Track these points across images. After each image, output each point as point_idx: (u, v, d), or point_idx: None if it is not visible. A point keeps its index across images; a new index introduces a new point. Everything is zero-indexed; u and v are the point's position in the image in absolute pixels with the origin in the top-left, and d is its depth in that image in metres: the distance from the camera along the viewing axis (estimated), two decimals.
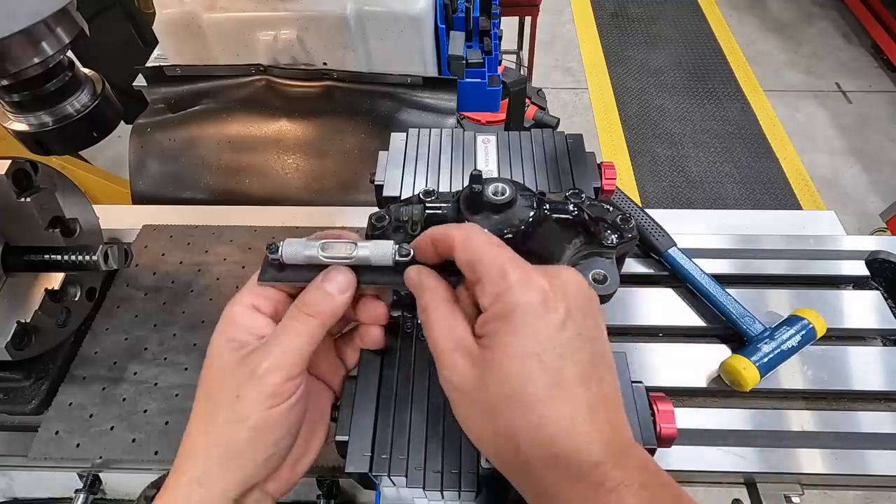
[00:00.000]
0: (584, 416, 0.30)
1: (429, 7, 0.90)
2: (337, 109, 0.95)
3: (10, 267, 0.49)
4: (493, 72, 1.01)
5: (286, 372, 0.34)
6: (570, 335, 0.32)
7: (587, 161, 0.57)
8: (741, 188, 2.50)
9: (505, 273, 0.32)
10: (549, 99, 1.51)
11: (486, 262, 0.34)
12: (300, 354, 0.35)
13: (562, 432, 0.30)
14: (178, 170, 0.93)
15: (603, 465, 0.29)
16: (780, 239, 0.67)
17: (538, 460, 0.30)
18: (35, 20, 0.38)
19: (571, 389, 0.31)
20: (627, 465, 0.30)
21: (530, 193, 0.42)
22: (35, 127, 0.48)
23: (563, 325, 0.31)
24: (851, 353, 0.58)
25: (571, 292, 0.33)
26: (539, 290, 0.32)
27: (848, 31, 3.30)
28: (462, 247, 0.35)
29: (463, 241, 0.35)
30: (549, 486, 0.31)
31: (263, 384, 0.34)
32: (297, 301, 0.37)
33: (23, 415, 0.54)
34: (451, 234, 0.36)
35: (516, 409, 0.30)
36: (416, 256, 0.38)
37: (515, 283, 0.32)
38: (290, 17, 0.90)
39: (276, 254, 0.38)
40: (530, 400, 0.30)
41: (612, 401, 0.32)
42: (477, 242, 0.35)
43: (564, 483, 0.30)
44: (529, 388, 0.30)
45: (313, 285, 0.37)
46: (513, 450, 0.31)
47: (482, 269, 0.33)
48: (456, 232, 0.36)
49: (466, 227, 0.36)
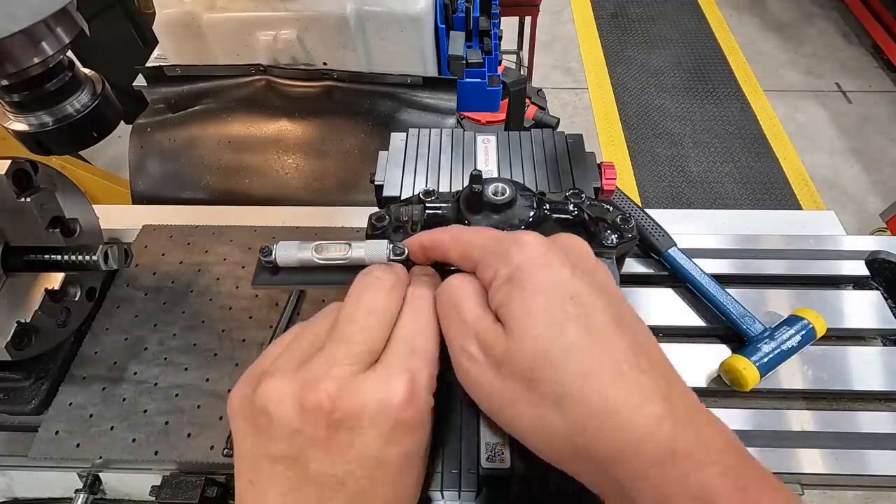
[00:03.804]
0: (630, 363, 0.27)
1: (429, 7, 0.90)
2: (337, 109, 0.95)
3: (10, 267, 0.49)
4: (493, 72, 1.01)
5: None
6: (582, 284, 0.30)
7: (587, 161, 0.57)
8: (741, 188, 2.50)
9: (499, 241, 0.32)
10: (549, 99, 1.51)
11: (479, 242, 0.33)
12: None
13: (609, 385, 0.27)
14: (178, 170, 0.93)
15: (665, 419, 0.26)
16: (780, 239, 0.67)
17: (592, 420, 0.26)
18: (35, 20, 0.38)
19: (606, 336, 0.28)
20: (697, 422, 0.27)
21: (530, 193, 0.42)
22: (35, 127, 0.48)
23: (571, 274, 0.30)
24: (851, 353, 0.57)
25: (574, 246, 0.33)
26: (537, 244, 0.31)
27: (848, 31, 3.30)
28: (453, 245, 0.35)
29: (452, 239, 0.35)
30: (611, 456, 0.26)
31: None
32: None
33: (23, 415, 0.54)
34: (439, 238, 0.36)
35: (554, 368, 0.28)
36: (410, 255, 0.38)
37: (512, 246, 0.31)
38: (290, 17, 0.90)
39: (270, 257, 0.38)
40: (566, 354, 0.28)
41: (655, 351, 0.29)
42: (465, 234, 0.35)
43: (629, 448, 0.26)
44: (560, 341, 0.28)
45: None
46: (559, 420, 0.27)
47: (477, 251, 0.33)
48: (443, 234, 0.36)
49: (453, 227, 0.36)
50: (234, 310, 0.60)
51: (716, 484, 0.25)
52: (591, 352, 0.28)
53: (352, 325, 0.32)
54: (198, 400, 0.53)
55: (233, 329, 0.59)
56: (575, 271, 0.31)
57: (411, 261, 0.39)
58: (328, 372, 0.29)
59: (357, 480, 0.29)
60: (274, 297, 0.61)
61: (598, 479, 0.28)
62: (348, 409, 0.29)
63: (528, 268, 0.30)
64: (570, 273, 0.30)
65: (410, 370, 0.31)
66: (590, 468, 0.28)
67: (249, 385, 0.31)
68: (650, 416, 0.26)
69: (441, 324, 0.34)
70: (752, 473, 0.26)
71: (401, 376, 0.30)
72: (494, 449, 0.39)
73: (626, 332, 0.29)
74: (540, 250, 0.31)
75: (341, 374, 0.30)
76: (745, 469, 0.26)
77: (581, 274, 0.31)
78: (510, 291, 0.30)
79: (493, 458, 0.39)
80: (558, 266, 0.30)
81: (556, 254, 0.31)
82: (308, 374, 0.30)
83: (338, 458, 0.29)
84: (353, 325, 0.32)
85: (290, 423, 0.29)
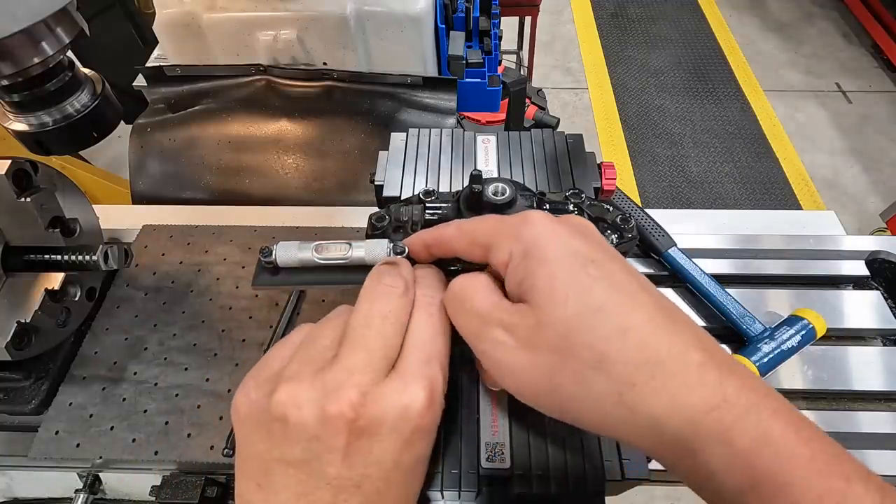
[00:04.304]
0: (662, 315, 0.28)
1: (429, 7, 0.90)
2: (337, 109, 0.95)
3: (10, 267, 0.49)
4: (493, 72, 1.01)
5: None
6: (598, 251, 0.30)
7: (587, 161, 0.57)
8: (741, 188, 2.50)
9: (507, 222, 0.32)
10: (549, 99, 1.51)
11: (486, 227, 0.33)
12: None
13: (650, 335, 0.27)
14: (178, 170, 0.93)
15: (709, 366, 0.26)
16: (780, 239, 0.67)
17: (639, 373, 0.26)
18: (35, 20, 0.38)
19: (634, 294, 0.28)
20: (736, 370, 0.27)
21: (530, 193, 0.42)
22: (35, 127, 0.48)
23: (585, 243, 0.30)
24: (851, 353, 0.58)
25: (581, 223, 0.33)
26: (546, 219, 0.31)
27: (848, 31, 3.30)
28: (458, 235, 0.35)
29: (458, 230, 0.35)
30: (665, 408, 0.26)
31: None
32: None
33: (23, 415, 0.54)
34: (442, 232, 0.36)
35: (590, 330, 0.27)
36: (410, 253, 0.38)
37: (521, 224, 0.31)
38: (290, 17, 0.90)
39: (270, 257, 0.38)
40: (599, 314, 0.27)
41: (678, 310, 0.29)
42: (469, 223, 0.35)
43: (681, 397, 0.26)
44: (590, 302, 0.28)
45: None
46: (604, 381, 0.27)
47: (486, 236, 0.33)
48: (446, 228, 0.36)
49: (453, 221, 0.36)
50: (234, 310, 0.60)
51: (771, 424, 0.25)
52: (623, 309, 0.28)
53: (368, 331, 0.32)
54: (198, 400, 0.53)
55: (233, 329, 0.59)
56: (587, 240, 0.31)
57: (412, 260, 0.39)
58: (349, 380, 0.29)
59: (373, 483, 0.29)
60: (274, 297, 0.61)
61: (654, 439, 0.27)
62: (370, 417, 0.29)
63: (543, 241, 0.30)
64: (583, 242, 0.30)
65: (428, 377, 0.31)
66: (644, 428, 0.27)
67: (260, 389, 0.31)
68: (695, 364, 0.26)
69: (455, 322, 0.34)
70: (797, 415, 0.27)
71: (420, 383, 0.30)
72: (494, 449, 0.39)
73: (650, 291, 0.29)
74: (550, 224, 0.31)
75: (362, 382, 0.30)
76: (790, 411, 0.27)
77: (593, 243, 0.31)
78: (529, 266, 0.30)
79: (493, 458, 0.39)
80: (570, 237, 0.31)
81: (566, 227, 0.31)
82: (328, 382, 0.30)
83: (356, 464, 0.29)
84: (370, 331, 0.32)
85: (309, 430, 0.29)
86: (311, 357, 0.32)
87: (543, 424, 0.41)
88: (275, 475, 0.30)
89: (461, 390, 0.42)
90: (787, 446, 0.25)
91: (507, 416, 0.41)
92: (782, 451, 0.25)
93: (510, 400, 0.42)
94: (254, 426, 0.31)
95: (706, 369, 0.26)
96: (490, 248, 0.32)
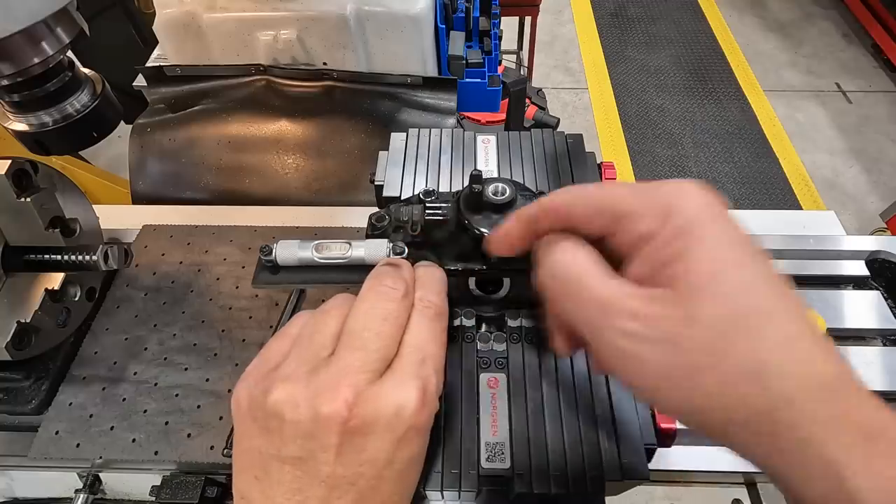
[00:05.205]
0: (811, 327, 0.24)
1: (429, 7, 0.90)
2: (337, 109, 0.95)
3: (10, 267, 0.49)
4: (493, 72, 1.01)
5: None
6: (756, 242, 0.26)
7: (587, 161, 0.57)
8: (741, 188, 2.50)
9: (652, 189, 0.27)
10: (549, 99, 1.51)
11: (618, 194, 0.28)
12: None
13: (815, 352, 0.24)
14: (178, 170, 0.93)
15: (850, 383, 0.24)
16: (780, 239, 0.67)
17: (802, 393, 0.23)
18: (35, 20, 0.38)
19: (792, 299, 0.25)
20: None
21: (530, 193, 0.42)
22: (35, 127, 0.48)
23: (743, 228, 0.26)
24: (851, 353, 0.57)
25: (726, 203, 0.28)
26: (705, 193, 0.27)
27: (848, 31, 3.30)
28: (577, 202, 0.30)
29: (576, 197, 0.30)
30: (821, 430, 0.23)
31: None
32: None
33: (23, 415, 0.54)
34: (555, 200, 0.31)
35: (755, 333, 0.24)
36: (492, 248, 0.36)
37: (674, 194, 0.26)
38: (290, 17, 0.90)
39: (270, 256, 0.38)
40: (766, 318, 0.24)
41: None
42: (589, 188, 0.30)
43: (841, 419, 0.23)
44: (757, 302, 0.24)
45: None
46: (759, 394, 0.23)
47: (624, 202, 0.28)
48: (558, 195, 0.31)
49: (563, 188, 0.32)
50: (234, 310, 0.60)
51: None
52: (789, 315, 0.24)
53: (367, 333, 0.32)
54: (198, 400, 0.53)
55: (233, 329, 0.59)
56: (744, 228, 0.26)
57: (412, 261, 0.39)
58: (345, 379, 0.30)
59: (367, 480, 0.30)
60: (274, 297, 0.61)
61: (792, 458, 0.23)
62: (364, 416, 0.29)
63: (703, 218, 0.26)
64: (743, 229, 0.26)
65: (422, 378, 0.31)
66: (783, 448, 0.23)
67: (258, 385, 0.32)
68: (851, 384, 0.24)
69: (562, 308, 0.30)
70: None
71: (414, 384, 0.31)
72: (494, 449, 0.39)
73: (797, 297, 0.25)
74: (710, 199, 0.26)
75: (357, 382, 0.30)
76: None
77: (749, 233, 0.26)
78: (685, 245, 0.25)
79: (493, 458, 0.39)
80: (731, 219, 0.26)
81: (724, 205, 0.27)
82: (324, 381, 0.30)
83: (350, 462, 0.29)
84: (369, 333, 0.32)
85: (303, 428, 0.29)
86: (308, 354, 0.32)
87: (543, 424, 0.41)
88: (271, 471, 0.30)
89: (461, 390, 0.42)
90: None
91: (507, 416, 0.41)
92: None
93: (510, 400, 0.42)
94: (252, 422, 0.31)
95: (858, 392, 0.24)
96: (623, 219, 0.28)
